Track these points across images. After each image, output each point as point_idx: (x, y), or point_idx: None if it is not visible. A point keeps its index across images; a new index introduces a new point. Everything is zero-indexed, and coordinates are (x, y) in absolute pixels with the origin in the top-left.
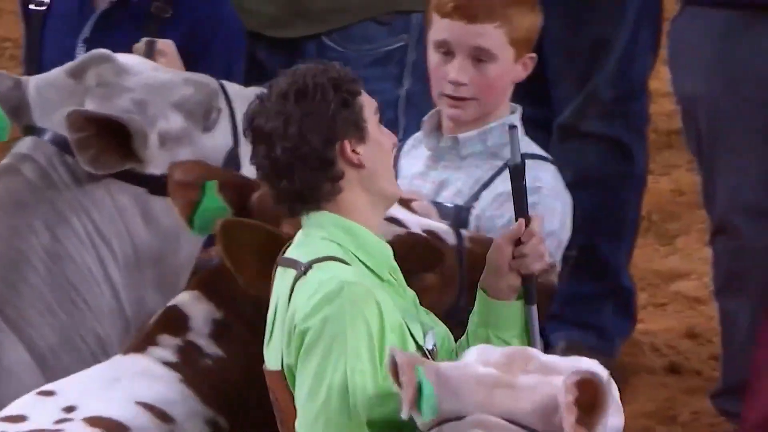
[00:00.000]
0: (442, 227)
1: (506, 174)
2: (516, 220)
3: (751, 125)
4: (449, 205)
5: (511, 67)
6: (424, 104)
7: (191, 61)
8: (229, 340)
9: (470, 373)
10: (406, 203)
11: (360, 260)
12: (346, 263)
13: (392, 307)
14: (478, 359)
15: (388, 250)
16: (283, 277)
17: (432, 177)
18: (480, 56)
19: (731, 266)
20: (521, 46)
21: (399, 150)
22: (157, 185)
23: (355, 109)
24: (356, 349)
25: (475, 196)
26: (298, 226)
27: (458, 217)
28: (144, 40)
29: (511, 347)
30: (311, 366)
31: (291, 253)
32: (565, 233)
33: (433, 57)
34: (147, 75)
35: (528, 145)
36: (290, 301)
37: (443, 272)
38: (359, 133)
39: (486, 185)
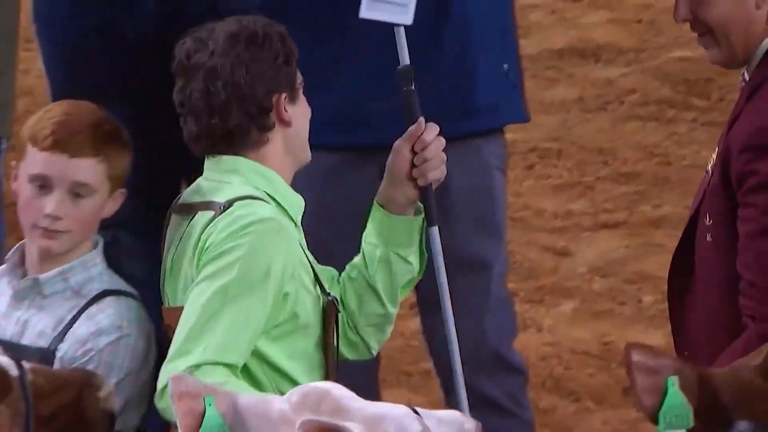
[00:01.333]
0: (2, 359)
1: (88, 313)
2: (411, 126)
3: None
4: (33, 347)
5: (105, 202)
6: None
7: None
8: None
9: (266, 408)
10: None
11: (277, 202)
12: (267, 203)
13: (301, 251)
14: (286, 396)
15: (300, 200)
16: (184, 221)
17: (15, 317)
18: (79, 191)
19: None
20: (117, 181)
21: None
22: None
23: (293, 68)
24: (248, 284)
25: (60, 338)
26: None
27: (43, 360)
28: None
29: (314, 385)
30: (199, 288)
31: (199, 197)
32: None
33: (26, 189)
34: None
35: (111, 279)
36: (204, 237)
37: (11, 404)
38: (293, 92)
39: (69, 326)
